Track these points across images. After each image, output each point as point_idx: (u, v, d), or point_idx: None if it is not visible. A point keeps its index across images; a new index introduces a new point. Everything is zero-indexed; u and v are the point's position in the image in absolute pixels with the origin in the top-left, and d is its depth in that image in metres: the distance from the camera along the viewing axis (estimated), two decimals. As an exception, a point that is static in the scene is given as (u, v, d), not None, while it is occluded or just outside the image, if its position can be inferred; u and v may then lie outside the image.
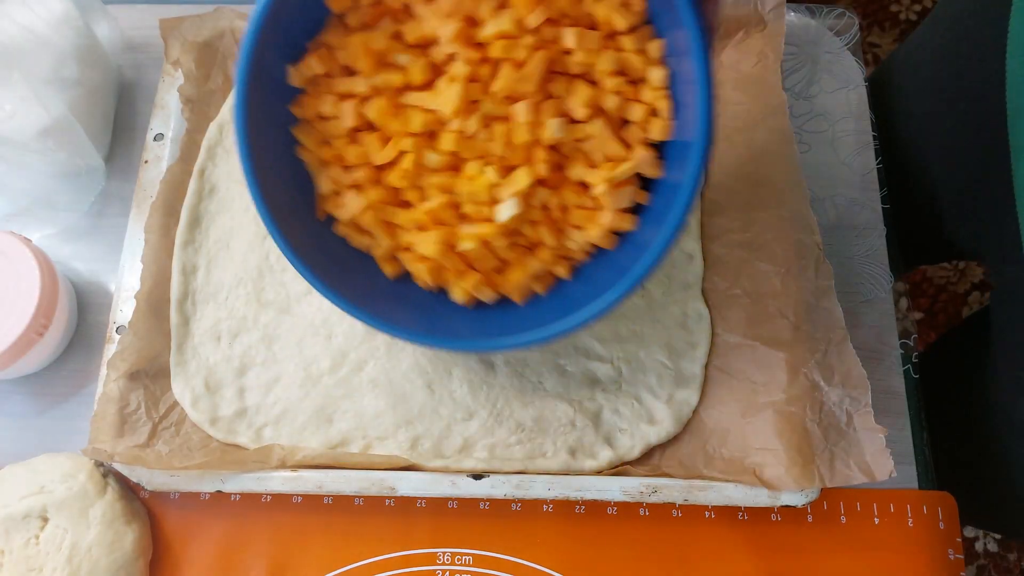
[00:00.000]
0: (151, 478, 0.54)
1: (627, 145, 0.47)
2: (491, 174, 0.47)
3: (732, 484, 0.53)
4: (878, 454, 0.52)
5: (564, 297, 0.50)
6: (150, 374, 0.57)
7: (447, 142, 0.47)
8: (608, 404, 0.57)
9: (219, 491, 0.54)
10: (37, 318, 0.56)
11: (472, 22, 0.46)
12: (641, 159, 0.46)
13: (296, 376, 0.58)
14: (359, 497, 0.57)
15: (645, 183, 0.48)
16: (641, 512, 0.57)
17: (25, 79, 0.57)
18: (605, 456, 0.55)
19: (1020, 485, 0.68)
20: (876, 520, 0.57)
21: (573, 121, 0.47)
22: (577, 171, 0.47)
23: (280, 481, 0.54)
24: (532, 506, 0.57)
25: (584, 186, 0.48)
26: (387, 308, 0.51)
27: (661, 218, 0.44)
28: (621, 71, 0.46)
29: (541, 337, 0.48)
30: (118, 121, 0.69)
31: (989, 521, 0.87)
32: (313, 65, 0.48)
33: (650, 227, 0.46)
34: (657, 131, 0.45)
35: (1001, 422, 0.68)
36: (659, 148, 0.47)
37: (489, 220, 0.48)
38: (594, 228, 0.48)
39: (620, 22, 0.44)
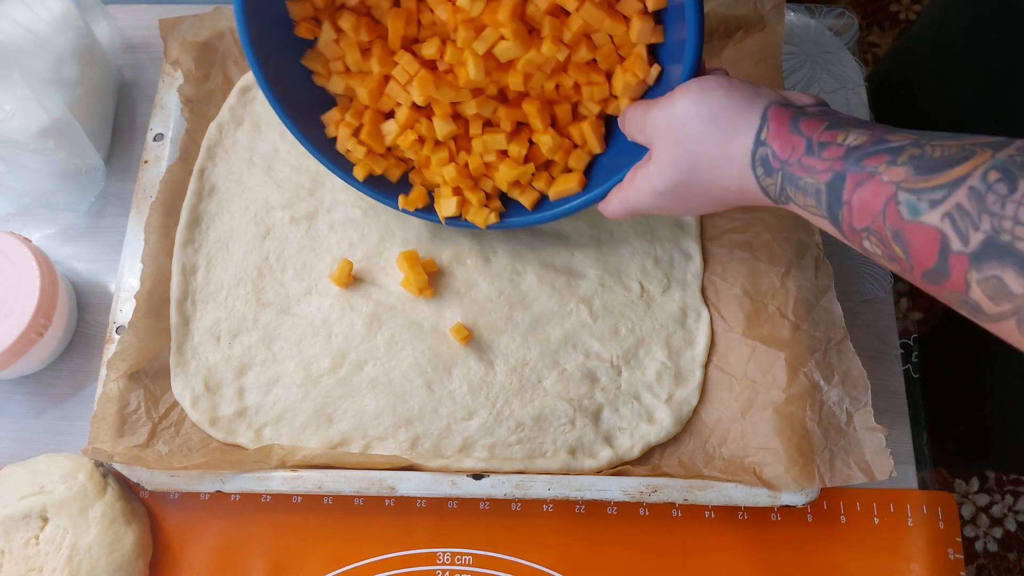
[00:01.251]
0: (151, 478, 0.54)
1: (625, 19, 0.50)
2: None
3: (732, 484, 0.53)
4: (878, 454, 0.52)
5: (600, 166, 0.56)
6: (150, 374, 0.57)
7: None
8: (608, 403, 0.57)
9: (219, 491, 0.54)
10: (37, 318, 0.56)
11: None
12: (640, 29, 0.50)
13: (296, 376, 0.58)
14: (359, 497, 0.57)
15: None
16: (641, 512, 0.57)
17: (25, 79, 0.57)
18: (605, 456, 0.55)
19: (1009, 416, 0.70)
20: (876, 520, 0.57)
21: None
22: (581, 55, 0.52)
23: (280, 481, 0.54)
24: (532, 506, 0.57)
25: (593, 63, 0.53)
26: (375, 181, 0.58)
27: (672, 82, 0.48)
28: None
29: (599, 193, 0.52)
30: (118, 121, 0.69)
31: (979, 459, 0.90)
32: None
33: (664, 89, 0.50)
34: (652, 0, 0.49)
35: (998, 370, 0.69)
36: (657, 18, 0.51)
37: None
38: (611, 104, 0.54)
39: None
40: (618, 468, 0.55)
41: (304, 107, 0.56)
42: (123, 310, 0.59)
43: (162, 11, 0.69)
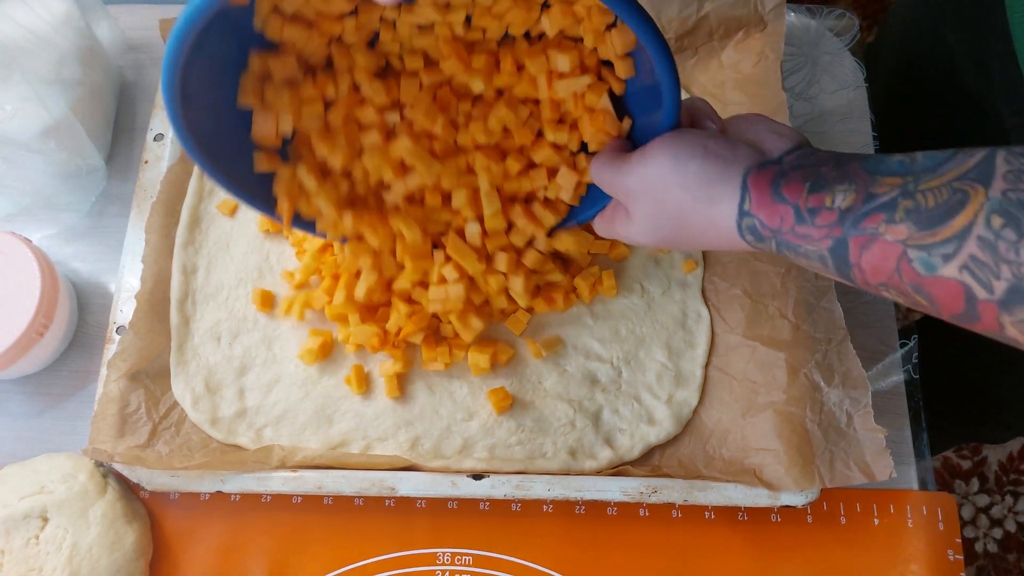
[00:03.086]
0: (151, 478, 0.54)
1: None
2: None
3: (732, 484, 0.53)
4: (878, 455, 0.52)
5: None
6: (150, 374, 0.57)
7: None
8: (608, 404, 0.57)
9: (219, 491, 0.54)
10: (37, 318, 0.56)
11: None
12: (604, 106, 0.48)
13: (296, 376, 0.58)
14: (359, 497, 0.57)
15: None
16: (641, 512, 0.57)
17: (26, 79, 0.57)
18: (605, 456, 0.55)
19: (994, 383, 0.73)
20: (876, 521, 0.57)
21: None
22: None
23: (280, 481, 0.54)
24: (532, 506, 0.57)
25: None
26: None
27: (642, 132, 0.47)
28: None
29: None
30: (118, 121, 0.69)
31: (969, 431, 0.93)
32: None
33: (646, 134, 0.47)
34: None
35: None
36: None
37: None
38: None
39: None
40: (618, 469, 0.55)
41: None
42: (123, 310, 0.59)
43: (163, 11, 0.69)
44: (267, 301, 0.59)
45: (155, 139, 0.64)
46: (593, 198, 0.52)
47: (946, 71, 0.65)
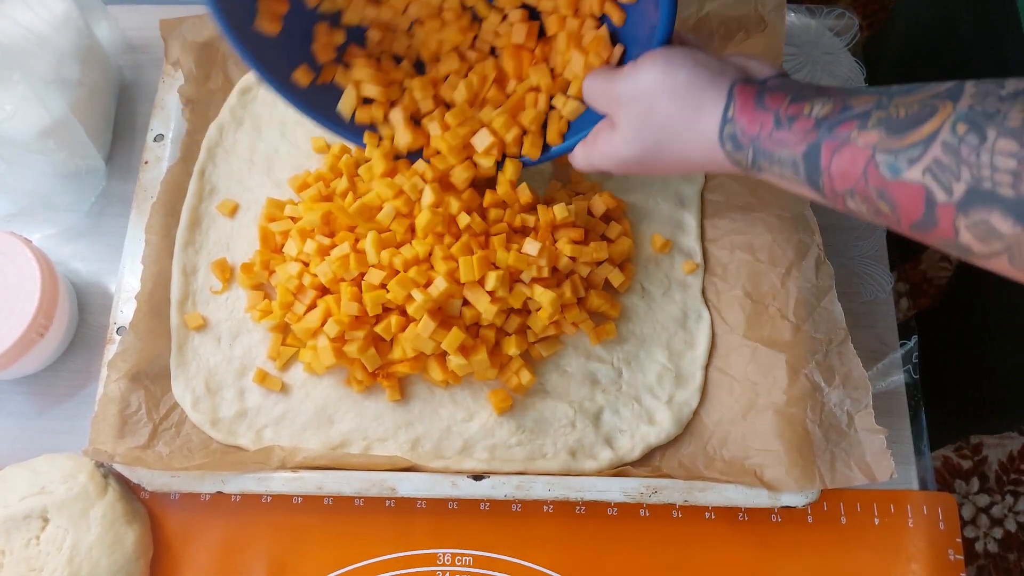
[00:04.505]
0: (152, 479, 0.54)
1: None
2: None
3: (732, 485, 0.53)
4: (879, 455, 0.52)
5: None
6: (151, 375, 0.57)
7: None
8: (608, 405, 0.57)
9: (220, 492, 0.54)
10: (37, 319, 0.56)
11: None
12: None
13: (297, 377, 0.58)
14: (359, 498, 0.57)
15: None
16: (641, 513, 0.57)
17: (26, 79, 0.57)
18: (605, 457, 0.55)
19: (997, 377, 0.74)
20: (876, 521, 0.57)
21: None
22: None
23: (281, 482, 0.54)
24: (532, 507, 0.57)
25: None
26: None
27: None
28: None
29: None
30: (118, 121, 0.69)
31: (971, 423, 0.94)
32: None
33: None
34: None
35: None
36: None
37: None
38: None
39: None
40: (618, 469, 0.55)
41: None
42: (124, 311, 0.59)
43: (163, 11, 0.69)
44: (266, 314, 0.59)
45: (155, 139, 0.64)
46: (573, 131, 0.54)
47: (958, 67, 0.65)
